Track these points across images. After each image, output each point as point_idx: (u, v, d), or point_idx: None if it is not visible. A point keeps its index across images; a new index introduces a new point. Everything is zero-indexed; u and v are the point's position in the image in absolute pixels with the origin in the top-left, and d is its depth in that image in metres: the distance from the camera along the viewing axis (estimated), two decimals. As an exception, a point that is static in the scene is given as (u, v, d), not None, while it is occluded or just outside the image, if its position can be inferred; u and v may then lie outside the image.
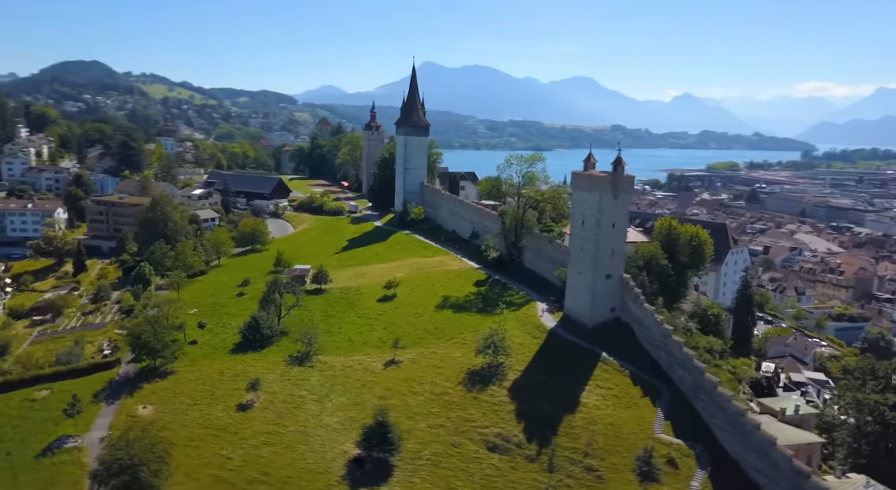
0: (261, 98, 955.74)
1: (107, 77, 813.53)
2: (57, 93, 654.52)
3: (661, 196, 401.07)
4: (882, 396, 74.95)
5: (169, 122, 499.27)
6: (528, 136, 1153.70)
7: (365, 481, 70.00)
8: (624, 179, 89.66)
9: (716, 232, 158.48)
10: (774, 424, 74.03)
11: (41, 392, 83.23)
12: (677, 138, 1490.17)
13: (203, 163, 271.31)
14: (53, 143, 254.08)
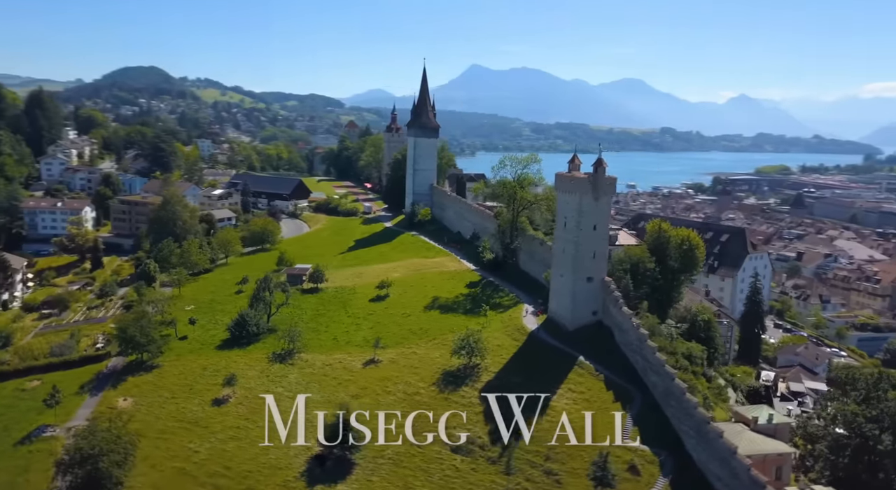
0: (309, 102, 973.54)
1: (163, 82, 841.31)
2: (115, 97, 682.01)
3: (699, 200, 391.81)
4: (860, 407, 71.98)
5: (215, 125, 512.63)
6: (574, 139, 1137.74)
7: (323, 478, 70.88)
8: (605, 181, 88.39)
9: (734, 237, 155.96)
10: (745, 433, 71.97)
11: (32, 382, 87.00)
12: (730, 141, 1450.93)
13: (236, 164, 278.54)
14: (96, 145, 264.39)
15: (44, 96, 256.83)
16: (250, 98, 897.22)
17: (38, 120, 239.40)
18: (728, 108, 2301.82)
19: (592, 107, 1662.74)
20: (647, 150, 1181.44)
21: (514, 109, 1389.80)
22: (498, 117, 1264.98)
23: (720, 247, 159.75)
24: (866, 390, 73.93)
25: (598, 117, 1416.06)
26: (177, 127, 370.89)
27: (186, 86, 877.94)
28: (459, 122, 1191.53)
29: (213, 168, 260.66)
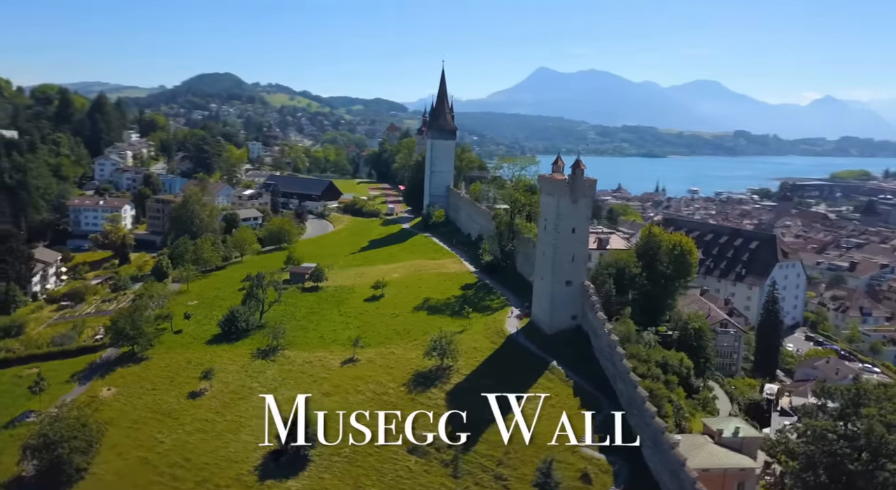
0: (373, 106, 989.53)
1: (235, 87, 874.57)
2: (189, 102, 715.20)
3: (758, 206, 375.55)
4: (832, 423, 67.83)
5: (275, 128, 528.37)
6: (641, 142, 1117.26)
7: (276, 473, 72.08)
8: (583, 183, 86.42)
9: (763, 244, 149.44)
10: (707, 446, 69.26)
11: (31, 370, 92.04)
12: (811, 145, 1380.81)
13: (281, 166, 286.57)
14: (154, 147, 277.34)
15: (105, 101, 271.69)
16: (317, 102, 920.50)
17: (98, 123, 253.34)
18: (811, 110, 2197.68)
19: (662, 109, 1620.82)
20: (719, 155, 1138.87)
21: (581, 112, 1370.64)
22: (564, 120, 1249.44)
23: (748, 254, 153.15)
24: (842, 406, 69.46)
25: (668, 120, 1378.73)
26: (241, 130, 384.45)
27: (258, 91, 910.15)
28: (524, 125, 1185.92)
29: (259, 169, 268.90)
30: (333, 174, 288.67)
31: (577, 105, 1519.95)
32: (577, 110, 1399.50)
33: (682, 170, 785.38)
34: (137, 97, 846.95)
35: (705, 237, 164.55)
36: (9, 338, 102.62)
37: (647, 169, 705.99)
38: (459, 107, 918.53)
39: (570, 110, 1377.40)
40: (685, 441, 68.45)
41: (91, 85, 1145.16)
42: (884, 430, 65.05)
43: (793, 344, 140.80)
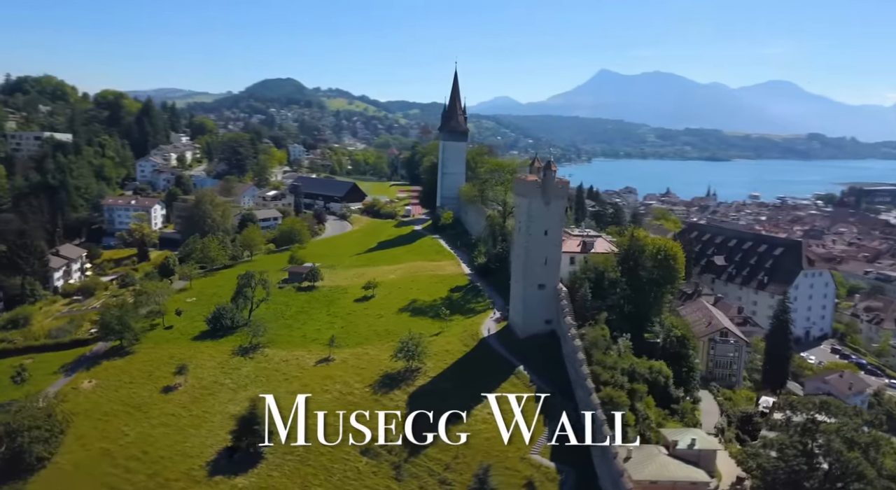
0: (430, 110, 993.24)
1: (296, 92, 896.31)
2: (250, 107, 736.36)
3: (814, 212, 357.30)
4: (787, 438, 63.84)
5: (324, 132, 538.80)
6: (704, 146, 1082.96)
7: (226, 469, 72.93)
8: (555, 185, 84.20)
9: (788, 251, 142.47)
10: (659, 458, 66.16)
11: (27, 360, 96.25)
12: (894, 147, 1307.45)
13: (317, 168, 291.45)
14: (199, 150, 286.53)
15: (152, 106, 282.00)
16: (375, 107, 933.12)
17: (145, 127, 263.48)
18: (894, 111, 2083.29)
19: (729, 111, 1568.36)
20: (789, 158, 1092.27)
21: (642, 115, 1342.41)
22: (623, 123, 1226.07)
23: (772, 261, 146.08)
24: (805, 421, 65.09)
25: (735, 122, 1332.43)
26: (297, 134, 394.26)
27: (318, 96, 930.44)
28: (582, 128, 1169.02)
29: (296, 171, 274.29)
30: (371, 177, 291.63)
31: (638, 107, 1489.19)
32: (638, 113, 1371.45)
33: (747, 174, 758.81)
34: (204, 102, 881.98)
35: (728, 243, 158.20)
36: (15, 329, 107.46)
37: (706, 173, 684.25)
38: (519, 110, 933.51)
39: (631, 113, 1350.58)
40: (638, 451, 65.79)
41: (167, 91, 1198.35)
42: (843, 447, 60.75)
43: (815, 356, 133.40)
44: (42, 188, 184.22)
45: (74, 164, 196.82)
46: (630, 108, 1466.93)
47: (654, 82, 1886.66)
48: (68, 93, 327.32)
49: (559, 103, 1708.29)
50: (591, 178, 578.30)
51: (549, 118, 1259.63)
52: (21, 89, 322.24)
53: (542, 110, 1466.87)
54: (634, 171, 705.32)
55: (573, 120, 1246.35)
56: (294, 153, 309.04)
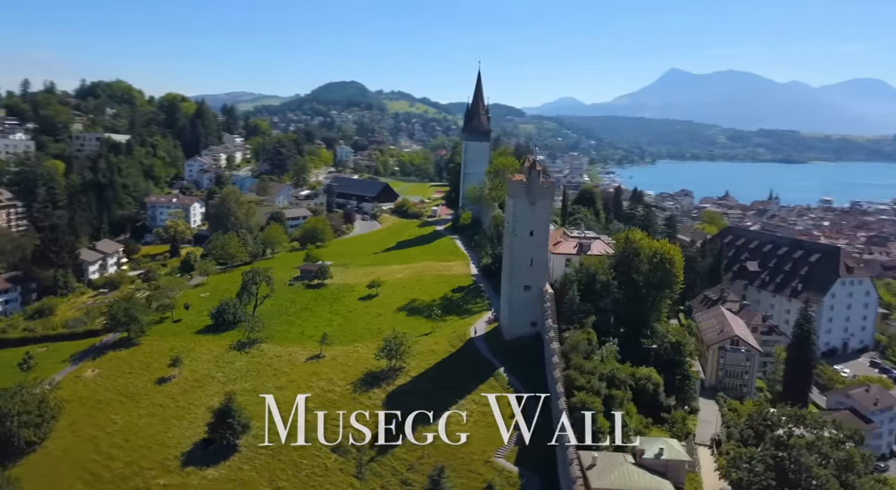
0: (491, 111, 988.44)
1: (359, 95, 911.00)
2: (312, 109, 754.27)
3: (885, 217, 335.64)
4: (750, 450, 60.53)
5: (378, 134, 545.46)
6: (779, 147, 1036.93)
7: (199, 460, 74.62)
8: (541, 185, 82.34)
9: (825, 258, 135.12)
10: (623, 466, 63.40)
11: (41, 349, 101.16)
12: None
13: (360, 169, 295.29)
14: (250, 150, 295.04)
15: (205, 108, 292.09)
16: (435, 109, 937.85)
17: (198, 128, 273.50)
18: None
19: (808, 111, 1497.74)
20: (874, 160, 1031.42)
21: (713, 115, 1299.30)
22: (693, 124, 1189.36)
23: (808, 268, 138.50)
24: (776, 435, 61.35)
25: (814, 123, 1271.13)
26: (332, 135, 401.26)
27: (381, 98, 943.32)
28: (647, 129, 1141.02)
29: (341, 172, 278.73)
30: (415, 178, 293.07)
31: (709, 108, 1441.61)
32: (709, 114, 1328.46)
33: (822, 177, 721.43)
34: (271, 105, 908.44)
35: (763, 248, 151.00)
36: (40, 319, 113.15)
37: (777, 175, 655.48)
38: (583, 110, 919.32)
39: (701, 114, 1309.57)
40: (602, 458, 63.47)
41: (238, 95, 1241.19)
42: (814, 463, 56.96)
43: (851, 369, 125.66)
44: (92, 186, 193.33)
45: (124, 163, 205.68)
46: (700, 108, 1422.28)
47: (728, 82, 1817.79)
48: (135, 96, 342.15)
49: (625, 104, 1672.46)
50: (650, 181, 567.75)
51: (613, 119, 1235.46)
52: (93, 93, 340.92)
53: (607, 111, 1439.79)
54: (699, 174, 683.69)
55: (639, 121, 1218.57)
56: (341, 154, 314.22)
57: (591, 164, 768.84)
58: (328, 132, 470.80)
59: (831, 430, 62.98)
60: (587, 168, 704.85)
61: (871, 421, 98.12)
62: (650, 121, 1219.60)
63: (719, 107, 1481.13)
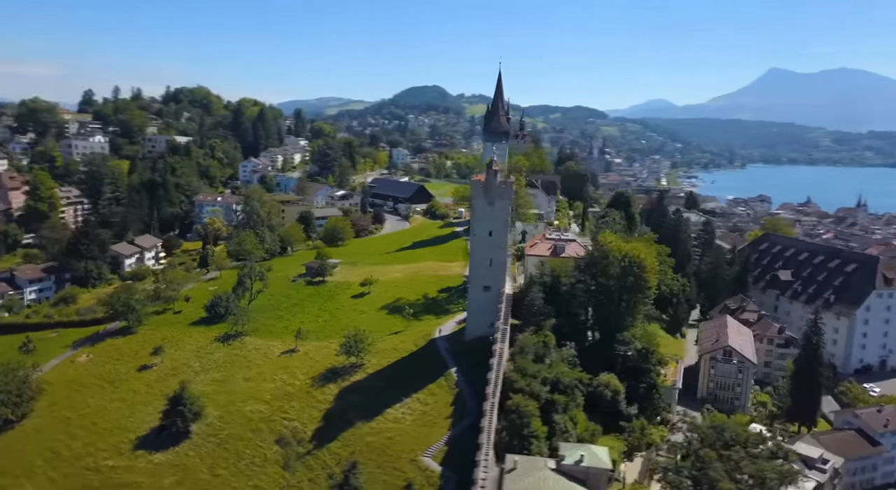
0: (572, 114, 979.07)
1: (439, 99, 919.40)
2: (390, 114, 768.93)
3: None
4: (675, 463, 57.21)
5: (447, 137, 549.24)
6: (891, 150, 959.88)
7: (151, 445, 78.07)
8: (498, 186, 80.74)
9: (861, 268, 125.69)
10: (541, 472, 61.39)
11: (53, 334, 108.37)
12: None
13: (412, 171, 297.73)
14: (309, 152, 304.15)
15: (265, 112, 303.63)
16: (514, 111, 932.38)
17: (259, 131, 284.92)
18: None
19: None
20: None
21: (817, 117, 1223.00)
22: (793, 126, 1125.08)
23: (842, 278, 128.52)
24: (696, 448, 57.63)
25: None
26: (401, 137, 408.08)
27: (461, 102, 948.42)
28: (742, 132, 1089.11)
29: (392, 174, 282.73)
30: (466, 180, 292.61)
31: (812, 109, 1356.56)
32: (812, 115, 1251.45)
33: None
34: (354, 109, 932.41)
35: (798, 256, 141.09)
36: (63, 306, 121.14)
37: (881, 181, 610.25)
38: (673, 112, 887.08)
39: (804, 115, 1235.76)
40: (524, 462, 61.76)
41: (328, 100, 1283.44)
42: (721, 475, 53.30)
43: (884, 389, 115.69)
44: (148, 185, 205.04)
45: (179, 163, 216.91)
46: (802, 109, 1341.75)
47: (837, 81, 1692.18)
48: (212, 101, 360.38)
49: (720, 105, 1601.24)
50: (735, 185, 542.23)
51: (705, 121, 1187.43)
52: (176, 99, 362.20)
53: (699, 113, 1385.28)
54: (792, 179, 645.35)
55: (733, 123, 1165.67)
56: (397, 156, 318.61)
57: (674, 167, 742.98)
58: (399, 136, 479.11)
59: (765, 446, 58.61)
60: (667, 172, 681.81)
61: (878, 443, 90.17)
62: (745, 123, 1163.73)
63: (826, 108, 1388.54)
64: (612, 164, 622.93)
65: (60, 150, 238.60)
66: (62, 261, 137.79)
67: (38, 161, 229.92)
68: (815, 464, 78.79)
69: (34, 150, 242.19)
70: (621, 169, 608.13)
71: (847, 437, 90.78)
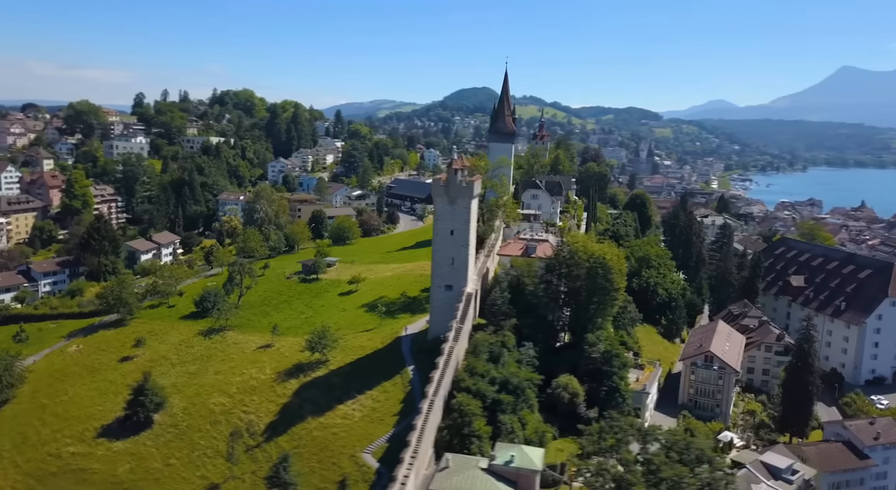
0: (624, 115, 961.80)
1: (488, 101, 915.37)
2: (437, 116, 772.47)
3: None
4: (594, 473, 55.69)
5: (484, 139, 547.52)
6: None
7: (113, 433, 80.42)
8: (458, 184, 80.00)
9: (876, 274, 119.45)
10: (470, 471, 60.43)
11: (52, 325, 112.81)
12: None
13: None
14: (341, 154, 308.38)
15: (299, 113, 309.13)
16: (565, 113, 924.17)
17: (291, 132, 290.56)
18: None
19: None
20: None
21: (889, 117, 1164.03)
22: (863, 127, 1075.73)
23: (855, 285, 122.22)
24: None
25: None
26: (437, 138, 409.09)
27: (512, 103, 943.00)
28: (807, 133, 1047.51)
29: (420, 174, 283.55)
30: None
31: (885, 109, 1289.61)
32: (885, 115, 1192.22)
33: None
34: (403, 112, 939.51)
35: (813, 262, 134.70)
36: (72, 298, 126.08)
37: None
38: (734, 114, 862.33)
39: (877, 116, 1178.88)
40: (456, 461, 61.07)
41: (381, 102, 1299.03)
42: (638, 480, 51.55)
43: (889, 401, 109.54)
44: (176, 184, 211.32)
45: (207, 163, 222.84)
46: (876, 109, 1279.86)
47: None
48: (255, 104, 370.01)
49: (784, 106, 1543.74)
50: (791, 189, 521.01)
51: (767, 122, 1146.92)
52: (222, 101, 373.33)
53: (761, 114, 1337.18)
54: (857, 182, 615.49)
55: (797, 124, 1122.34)
56: (429, 158, 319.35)
57: (728, 170, 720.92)
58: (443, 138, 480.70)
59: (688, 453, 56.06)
60: (720, 174, 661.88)
61: (866, 456, 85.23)
62: (811, 124, 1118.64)
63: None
64: (660, 167, 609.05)
65: (103, 151, 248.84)
66: (77, 255, 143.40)
67: (82, 161, 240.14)
68: (781, 474, 75.53)
69: (79, 151, 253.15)
70: (669, 171, 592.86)
71: (832, 449, 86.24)
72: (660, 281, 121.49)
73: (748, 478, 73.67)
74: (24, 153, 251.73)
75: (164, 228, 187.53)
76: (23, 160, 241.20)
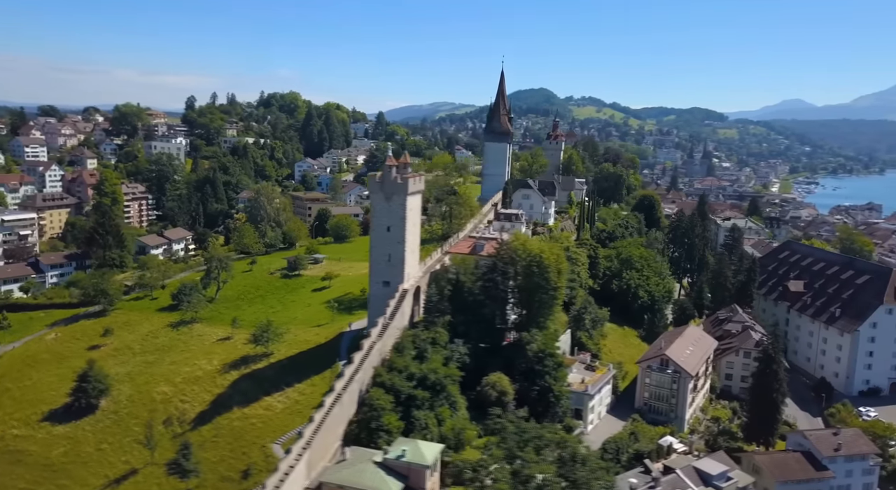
0: (686, 116, 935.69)
1: (545, 101, 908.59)
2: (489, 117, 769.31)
3: None
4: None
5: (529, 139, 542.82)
6: None
7: (57, 417, 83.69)
8: (394, 181, 79.57)
9: (873, 280, 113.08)
10: (360, 464, 60.27)
11: (42, 314, 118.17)
12: None
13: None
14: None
15: (332, 114, 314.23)
16: (624, 114, 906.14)
17: (323, 133, 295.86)
18: None
19: None
20: None
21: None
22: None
23: (852, 291, 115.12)
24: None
25: None
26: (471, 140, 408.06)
27: (569, 104, 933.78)
28: (889, 133, 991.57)
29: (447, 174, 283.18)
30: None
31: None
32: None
33: None
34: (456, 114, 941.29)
35: (814, 266, 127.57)
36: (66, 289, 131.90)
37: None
38: (811, 114, 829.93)
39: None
40: (353, 454, 61.28)
41: (440, 105, 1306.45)
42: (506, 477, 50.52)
43: (878, 413, 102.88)
44: (200, 183, 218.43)
45: (231, 163, 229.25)
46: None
47: None
48: (299, 106, 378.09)
49: (866, 105, 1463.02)
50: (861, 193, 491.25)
51: (845, 123, 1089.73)
52: (268, 104, 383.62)
53: (840, 114, 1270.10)
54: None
55: (879, 124, 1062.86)
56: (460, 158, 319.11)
57: (794, 173, 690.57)
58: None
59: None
60: (784, 177, 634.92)
61: (825, 468, 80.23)
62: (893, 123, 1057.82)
63: None
64: (717, 169, 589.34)
65: (143, 151, 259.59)
66: (85, 248, 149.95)
67: (123, 160, 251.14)
68: (712, 480, 72.05)
69: (121, 151, 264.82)
70: (726, 173, 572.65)
71: (788, 459, 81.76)
72: (641, 283, 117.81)
73: (674, 483, 70.66)
74: (70, 153, 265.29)
75: (185, 225, 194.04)
76: (69, 160, 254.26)
